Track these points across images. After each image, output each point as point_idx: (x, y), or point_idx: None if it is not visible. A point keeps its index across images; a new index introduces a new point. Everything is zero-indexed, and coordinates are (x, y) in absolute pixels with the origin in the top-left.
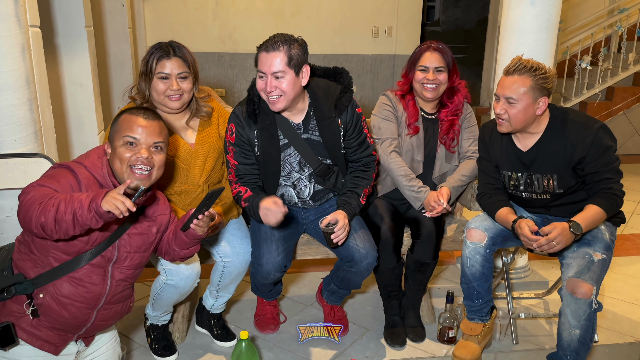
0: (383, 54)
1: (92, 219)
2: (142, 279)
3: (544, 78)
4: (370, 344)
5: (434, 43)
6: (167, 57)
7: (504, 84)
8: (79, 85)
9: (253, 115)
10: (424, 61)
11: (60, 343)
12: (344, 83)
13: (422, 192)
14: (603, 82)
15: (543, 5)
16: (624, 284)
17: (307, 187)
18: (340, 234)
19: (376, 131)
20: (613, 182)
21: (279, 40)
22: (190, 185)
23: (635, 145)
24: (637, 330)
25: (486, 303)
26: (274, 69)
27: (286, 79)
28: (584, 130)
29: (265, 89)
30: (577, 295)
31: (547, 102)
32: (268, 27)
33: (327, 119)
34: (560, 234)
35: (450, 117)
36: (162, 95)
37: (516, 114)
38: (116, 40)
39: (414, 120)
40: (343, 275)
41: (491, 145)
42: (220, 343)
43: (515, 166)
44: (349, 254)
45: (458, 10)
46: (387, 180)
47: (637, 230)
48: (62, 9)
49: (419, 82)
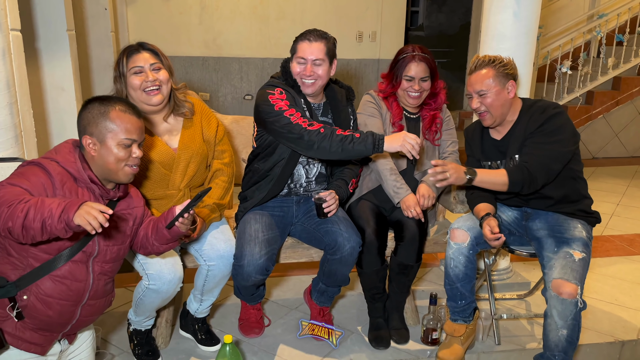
0: (367, 59)
1: (62, 230)
2: (124, 284)
3: (504, 65)
4: (355, 346)
5: (418, 50)
6: (136, 52)
7: (471, 81)
8: (60, 89)
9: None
10: (409, 71)
11: (46, 343)
12: (345, 87)
13: (402, 189)
14: (583, 86)
15: (522, 12)
16: (603, 284)
17: (316, 166)
18: (332, 204)
19: (362, 128)
20: (534, 158)
21: (320, 33)
22: (171, 189)
23: (614, 148)
24: (617, 330)
25: (469, 304)
26: (315, 56)
27: (322, 67)
28: (542, 112)
29: (305, 72)
30: (563, 295)
31: (515, 84)
32: (252, 31)
33: (341, 106)
34: (454, 168)
35: (432, 112)
36: (139, 91)
37: (491, 102)
38: (98, 44)
39: (399, 119)
40: (329, 269)
41: (473, 141)
42: (204, 347)
43: (493, 155)
44: (332, 239)
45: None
46: (372, 176)
47: (617, 232)
48: (43, 13)
49: (404, 90)
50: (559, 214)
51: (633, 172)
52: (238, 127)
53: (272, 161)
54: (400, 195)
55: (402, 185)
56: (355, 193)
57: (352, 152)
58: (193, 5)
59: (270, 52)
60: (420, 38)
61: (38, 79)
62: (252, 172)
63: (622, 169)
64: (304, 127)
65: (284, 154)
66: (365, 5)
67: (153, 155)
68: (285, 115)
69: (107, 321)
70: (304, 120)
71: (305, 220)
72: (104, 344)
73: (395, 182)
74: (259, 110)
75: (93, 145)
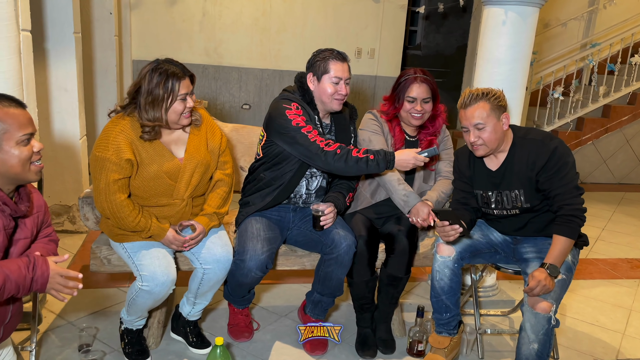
0: (365, 75)
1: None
2: (117, 284)
3: (497, 98)
4: (342, 355)
5: (420, 73)
6: (183, 79)
7: (467, 115)
8: (63, 90)
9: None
10: (412, 92)
11: None
12: (349, 106)
13: (411, 198)
14: (574, 112)
15: (516, 38)
16: (586, 305)
17: (317, 179)
18: (329, 218)
19: (367, 144)
20: (573, 206)
21: (343, 53)
22: (174, 199)
23: (602, 174)
24: (596, 350)
25: (454, 317)
26: (347, 75)
27: (349, 86)
28: (542, 147)
29: (341, 92)
30: (536, 310)
31: (508, 116)
32: (253, 42)
33: (344, 124)
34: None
35: (429, 138)
36: (180, 116)
37: (489, 135)
38: (102, 47)
39: (400, 145)
40: (325, 272)
41: (464, 167)
42: (195, 350)
43: (486, 185)
44: (329, 238)
45: (439, 36)
46: (366, 194)
47: (601, 256)
48: (53, 15)
49: (406, 111)
50: (549, 238)
51: (619, 199)
52: (238, 136)
53: (280, 170)
54: (410, 203)
55: (410, 193)
56: (350, 208)
57: (364, 172)
58: (196, 13)
59: (269, 64)
60: (418, 57)
61: (43, 79)
62: (256, 179)
63: (609, 194)
64: (321, 147)
65: (294, 165)
66: (365, 22)
67: (160, 165)
68: (303, 132)
69: (99, 319)
70: (322, 140)
71: (302, 224)
72: (95, 342)
73: (404, 190)
74: (275, 123)
75: None
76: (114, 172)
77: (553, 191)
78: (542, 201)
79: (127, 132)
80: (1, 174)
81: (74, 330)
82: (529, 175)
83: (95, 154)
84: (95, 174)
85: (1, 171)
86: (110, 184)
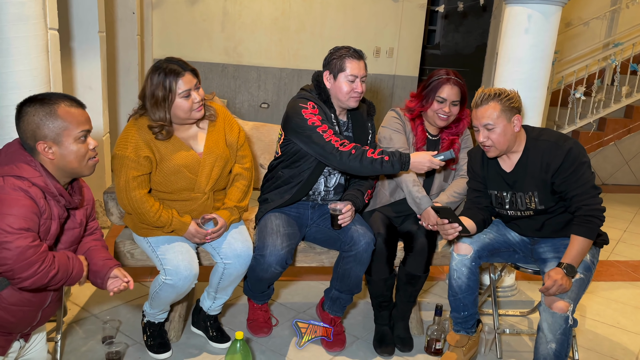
0: (383, 74)
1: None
2: (139, 278)
3: (509, 99)
4: (360, 352)
5: (453, 75)
6: (181, 75)
7: (477, 115)
8: (88, 87)
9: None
10: (443, 93)
11: (5, 344)
12: (367, 102)
13: (424, 201)
14: (596, 112)
15: (538, 37)
16: (606, 307)
17: (335, 176)
18: (347, 217)
19: (387, 141)
20: (591, 206)
21: (359, 51)
22: (196, 192)
23: (625, 175)
24: (617, 352)
25: (472, 315)
26: (363, 72)
27: (364, 83)
28: (556, 149)
29: (357, 90)
30: (553, 309)
31: (520, 118)
32: (272, 41)
33: (362, 120)
34: (564, 283)
35: (451, 137)
36: (189, 112)
37: (498, 137)
38: (125, 46)
39: (422, 145)
40: (343, 269)
41: (478, 166)
42: (215, 344)
43: (500, 186)
44: (347, 236)
45: (458, 36)
46: (386, 192)
47: (622, 257)
48: (79, 14)
49: (434, 111)
50: (567, 238)
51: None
52: (258, 134)
53: (298, 168)
54: (422, 206)
55: (423, 197)
56: (369, 206)
57: (379, 173)
58: (216, 13)
59: (288, 63)
60: (436, 56)
61: (69, 77)
62: (275, 177)
63: (631, 196)
64: (336, 147)
65: (312, 163)
66: (384, 21)
67: (179, 160)
68: (318, 131)
69: (122, 312)
70: (337, 140)
71: (321, 222)
72: (118, 335)
73: (418, 193)
74: (292, 123)
75: (49, 149)
76: (133, 169)
77: (570, 192)
78: (557, 203)
79: (144, 131)
80: (59, 167)
81: (97, 323)
82: (543, 177)
83: (116, 153)
84: (116, 171)
85: (60, 165)
86: (129, 181)
